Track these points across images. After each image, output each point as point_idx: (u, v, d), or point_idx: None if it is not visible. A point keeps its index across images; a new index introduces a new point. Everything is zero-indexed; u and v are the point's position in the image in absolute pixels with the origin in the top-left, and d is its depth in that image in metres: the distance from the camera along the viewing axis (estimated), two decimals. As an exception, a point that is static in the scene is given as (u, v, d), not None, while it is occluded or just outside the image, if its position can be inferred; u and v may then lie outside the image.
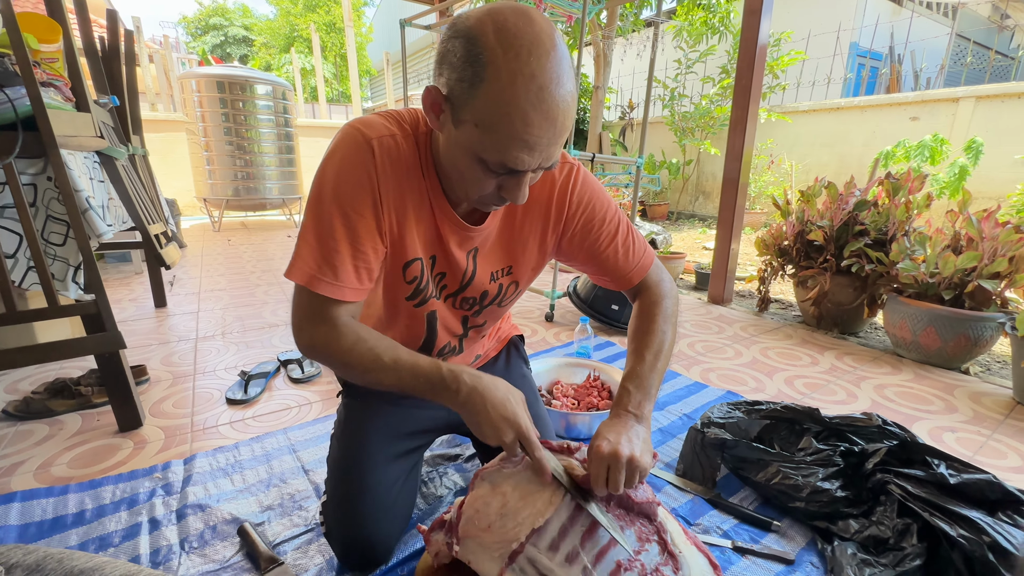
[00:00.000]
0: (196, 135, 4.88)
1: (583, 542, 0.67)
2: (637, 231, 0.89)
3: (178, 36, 16.92)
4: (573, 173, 0.82)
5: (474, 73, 0.57)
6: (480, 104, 0.58)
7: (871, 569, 0.83)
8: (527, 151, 0.59)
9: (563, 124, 0.60)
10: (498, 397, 0.68)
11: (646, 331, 0.81)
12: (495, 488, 0.73)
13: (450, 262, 0.80)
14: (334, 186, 0.67)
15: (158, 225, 1.63)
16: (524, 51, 0.55)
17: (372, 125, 0.70)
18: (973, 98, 4.14)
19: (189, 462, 1.18)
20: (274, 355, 1.84)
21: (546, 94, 0.57)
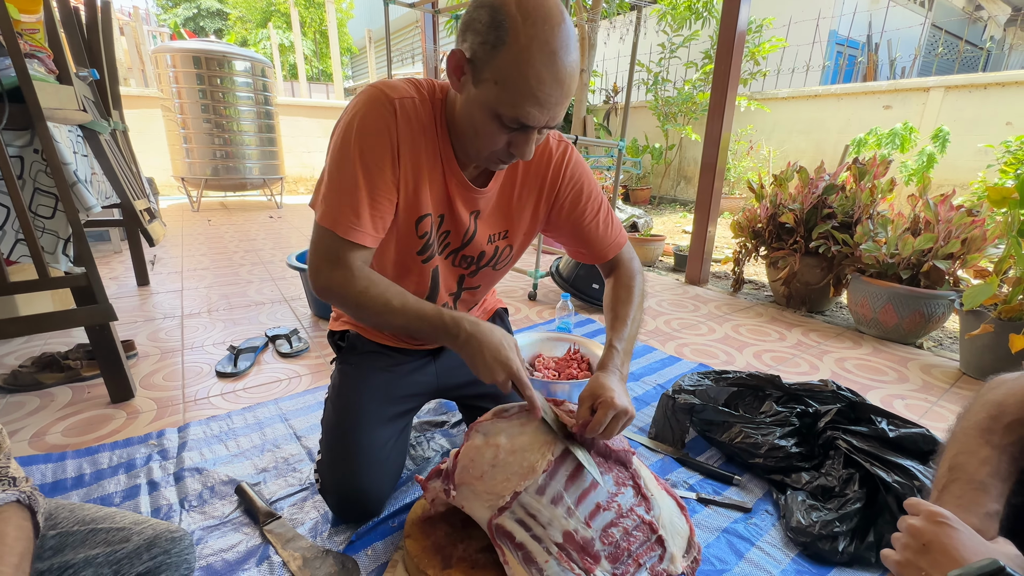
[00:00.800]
0: (172, 112, 4.76)
1: (567, 486, 0.75)
2: (615, 215, 0.98)
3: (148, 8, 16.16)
4: (568, 151, 0.92)
5: (497, 37, 0.66)
6: (500, 63, 0.66)
7: (817, 512, 0.93)
8: (538, 107, 0.68)
9: (569, 87, 0.69)
10: (493, 341, 0.75)
11: (626, 300, 0.92)
12: (488, 440, 0.79)
13: (455, 221, 0.87)
14: (358, 139, 0.74)
15: (142, 201, 1.64)
16: (540, 20, 0.65)
17: (395, 87, 0.77)
18: (943, 88, 4.28)
19: (183, 430, 1.22)
20: (262, 332, 1.87)
21: (557, 58, 0.66)
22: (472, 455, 0.79)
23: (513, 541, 0.72)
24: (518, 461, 0.75)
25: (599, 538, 0.74)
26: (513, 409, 0.84)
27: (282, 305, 2.19)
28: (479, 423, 0.83)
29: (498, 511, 0.73)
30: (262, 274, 2.69)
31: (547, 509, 0.73)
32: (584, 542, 0.73)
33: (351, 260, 0.77)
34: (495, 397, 1.10)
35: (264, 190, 5.45)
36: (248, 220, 4.50)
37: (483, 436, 0.81)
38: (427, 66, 5.03)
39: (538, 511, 0.72)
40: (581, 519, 0.73)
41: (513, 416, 0.82)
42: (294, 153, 6.65)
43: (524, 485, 0.73)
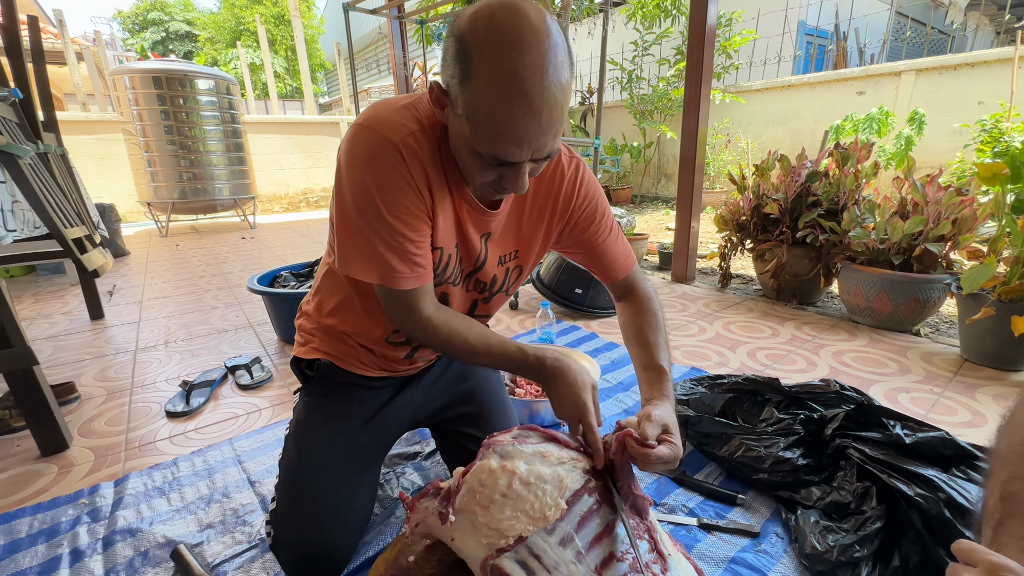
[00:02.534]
0: (134, 135, 4.59)
1: (579, 527, 0.65)
2: (623, 233, 0.94)
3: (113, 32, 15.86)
4: (580, 168, 0.86)
5: (463, 70, 0.59)
6: (469, 99, 0.60)
7: (833, 535, 0.82)
8: (514, 144, 0.61)
9: (550, 116, 0.60)
10: (573, 380, 0.74)
11: (656, 327, 0.86)
12: (504, 464, 0.68)
13: (468, 246, 0.82)
14: (381, 196, 0.68)
15: (78, 229, 1.49)
16: (507, 46, 0.57)
17: (393, 126, 0.68)
18: (914, 71, 4.29)
19: (120, 483, 1.08)
20: (221, 362, 1.73)
21: (528, 87, 0.57)
22: (483, 478, 0.67)
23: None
24: (533, 496, 0.65)
25: None
26: (534, 437, 0.73)
27: (247, 331, 2.05)
28: (495, 443, 0.71)
29: (496, 552, 0.62)
30: (228, 299, 2.54)
31: (554, 551, 0.62)
32: None
33: (422, 307, 0.75)
34: (476, 419, 0.99)
35: (236, 211, 5.28)
36: (219, 243, 4.33)
37: (499, 458, 0.69)
38: (397, 76, 4.93)
39: (544, 551, 0.62)
40: (592, 567, 0.63)
41: (536, 442, 0.72)
42: (267, 171, 6.49)
43: (533, 531, 0.63)
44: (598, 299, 2.15)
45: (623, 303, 0.93)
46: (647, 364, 0.82)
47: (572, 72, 0.62)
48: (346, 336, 0.90)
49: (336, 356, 0.92)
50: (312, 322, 0.94)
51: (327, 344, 0.92)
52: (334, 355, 0.92)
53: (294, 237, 4.58)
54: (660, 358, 0.82)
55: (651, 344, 0.84)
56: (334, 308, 0.90)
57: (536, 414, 1.27)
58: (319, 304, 0.93)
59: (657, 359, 0.82)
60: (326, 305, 0.91)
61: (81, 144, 5.28)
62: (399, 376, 0.97)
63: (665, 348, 0.84)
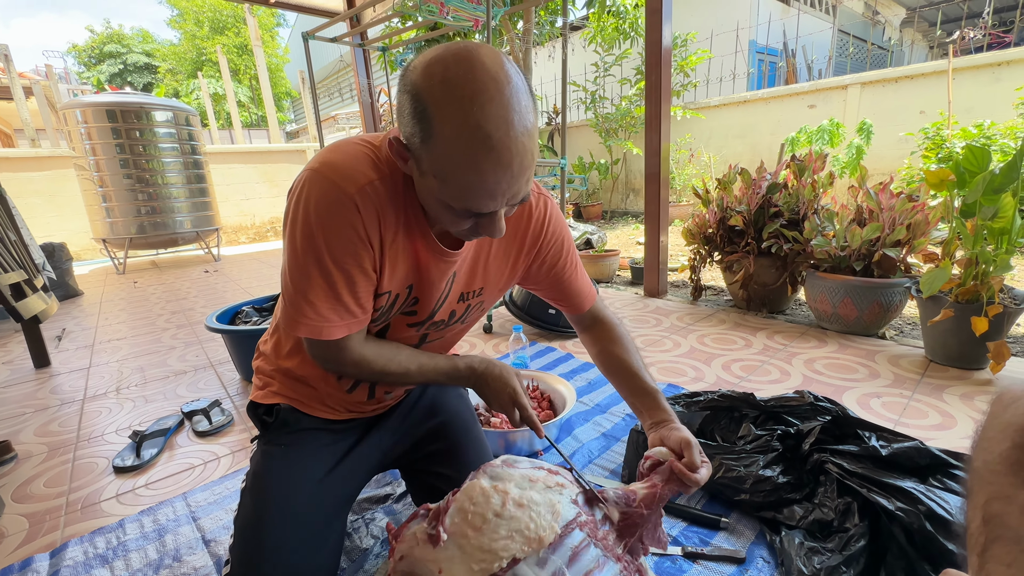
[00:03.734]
0: (87, 170, 4.41)
1: (570, 562, 0.62)
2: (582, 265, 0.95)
3: (67, 67, 15.43)
4: (548, 207, 0.85)
5: (423, 129, 0.57)
6: (434, 159, 0.58)
7: (819, 557, 0.80)
8: (487, 198, 0.60)
9: (520, 165, 0.59)
10: (496, 373, 0.83)
11: (632, 350, 0.89)
12: (496, 484, 0.67)
13: (427, 289, 0.79)
14: (327, 246, 0.66)
15: (13, 274, 1.39)
16: (467, 101, 0.54)
17: (349, 176, 0.65)
18: (859, 84, 4.52)
19: (57, 554, 0.98)
20: (178, 407, 1.62)
21: (494, 142, 0.55)
22: (475, 497, 0.64)
23: None
24: (528, 517, 0.63)
25: None
26: (524, 463, 0.72)
27: (207, 372, 1.95)
28: (487, 465, 0.70)
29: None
30: (188, 337, 2.42)
31: None
32: None
33: (350, 349, 0.74)
34: (447, 456, 0.94)
35: (199, 243, 5.11)
36: (180, 277, 4.16)
37: (490, 479, 0.68)
38: (363, 103, 4.92)
39: None
40: None
41: (526, 468, 0.70)
42: (231, 202, 6.33)
43: (527, 552, 0.60)
44: (572, 318, 2.13)
45: (591, 333, 0.94)
46: (637, 389, 0.84)
47: (536, 109, 0.61)
48: (307, 378, 0.85)
49: (297, 399, 0.86)
50: (270, 363, 0.89)
51: (287, 387, 0.86)
52: (295, 398, 0.86)
53: (260, 268, 4.44)
54: (647, 379, 0.85)
55: (633, 368, 0.86)
56: (292, 348, 0.84)
57: (512, 444, 1.22)
58: (277, 345, 0.87)
59: (645, 381, 0.84)
60: (284, 345, 0.86)
61: (30, 181, 5.05)
62: (365, 417, 0.91)
63: (645, 368, 0.86)
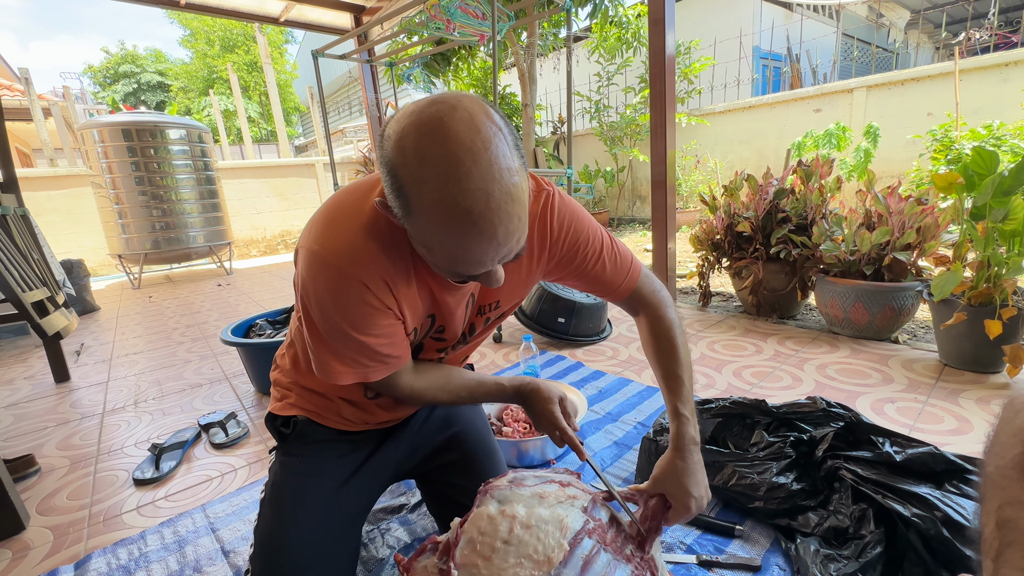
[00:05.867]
0: (103, 188, 4.52)
1: (582, 572, 0.62)
2: (620, 243, 0.88)
3: (83, 87, 15.84)
4: (551, 201, 0.78)
5: (402, 205, 0.56)
6: (418, 233, 0.59)
7: (835, 564, 0.80)
8: (476, 265, 0.59)
9: (506, 232, 0.56)
10: (543, 396, 0.85)
11: (670, 350, 0.83)
12: (503, 509, 0.66)
13: (448, 318, 0.80)
14: (349, 324, 0.68)
15: (38, 292, 1.44)
16: (441, 178, 0.52)
17: (349, 255, 0.65)
18: (865, 88, 4.52)
19: (81, 566, 1.00)
20: (195, 420, 1.65)
21: (475, 216, 0.53)
22: (482, 526, 0.65)
23: None
24: (536, 539, 0.63)
25: None
26: (530, 479, 0.72)
27: (222, 384, 1.98)
28: (492, 487, 0.69)
29: None
30: (203, 350, 2.46)
31: None
32: None
33: (402, 383, 0.78)
34: (462, 466, 0.95)
35: (212, 257, 5.19)
36: (194, 291, 4.23)
37: (497, 503, 0.67)
38: (370, 116, 5.00)
39: None
40: None
41: (533, 483, 0.70)
42: (243, 216, 6.44)
43: (539, 575, 0.61)
44: (581, 327, 2.14)
45: (638, 320, 0.90)
46: (666, 398, 0.81)
47: (522, 160, 0.58)
48: (325, 393, 0.87)
49: (314, 412, 0.88)
50: (288, 377, 0.91)
51: (304, 399, 0.88)
52: (312, 410, 0.88)
53: (272, 281, 4.50)
54: (677, 396, 0.78)
55: (669, 375, 0.81)
56: (311, 363, 0.86)
57: (525, 454, 1.23)
58: (294, 360, 0.89)
59: (674, 399, 0.79)
60: (302, 360, 0.88)
61: (49, 200, 5.18)
62: (381, 428, 0.93)
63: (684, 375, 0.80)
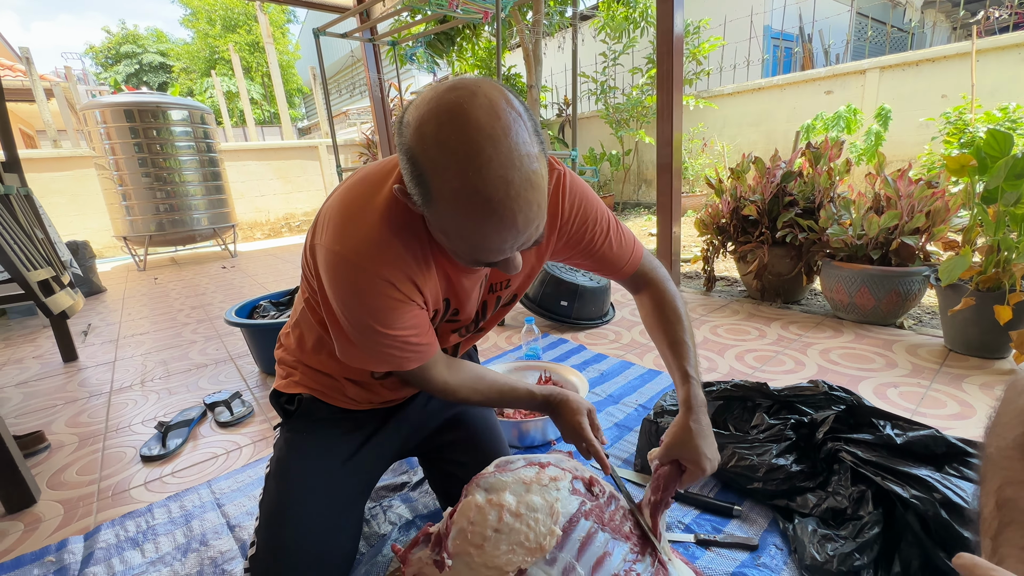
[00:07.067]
0: (107, 170, 4.51)
1: (579, 555, 0.64)
2: (623, 224, 0.91)
3: (85, 68, 15.72)
4: (562, 181, 0.79)
5: (422, 193, 0.56)
6: (437, 220, 0.58)
7: (832, 544, 0.80)
8: (495, 253, 0.59)
9: (526, 219, 0.56)
10: (571, 408, 0.86)
11: (676, 320, 0.86)
12: (492, 497, 0.67)
13: (463, 300, 0.81)
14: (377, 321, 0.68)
15: (43, 271, 1.44)
16: (462, 165, 0.52)
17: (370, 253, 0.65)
18: (878, 69, 4.41)
19: (91, 536, 1.03)
20: (200, 399, 1.67)
21: (495, 204, 0.53)
22: (472, 516, 0.65)
23: None
24: (526, 527, 0.63)
25: None
26: (519, 462, 0.72)
27: (227, 365, 2.00)
28: (480, 477, 0.70)
29: None
30: (208, 332, 2.48)
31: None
32: None
33: (434, 375, 0.79)
34: (464, 445, 0.96)
35: (216, 240, 5.20)
36: (199, 274, 4.25)
37: (485, 493, 0.68)
38: (373, 98, 4.94)
39: None
40: None
41: (519, 469, 0.70)
42: (246, 198, 6.43)
43: (532, 561, 0.62)
44: (584, 310, 2.14)
45: (639, 297, 0.93)
46: (672, 364, 0.84)
47: (541, 146, 0.58)
48: (330, 373, 0.87)
49: (319, 390, 0.89)
50: (293, 355, 0.92)
51: (309, 378, 0.89)
52: (317, 389, 0.89)
53: (276, 263, 4.51)
54: (683, 357, 0.82)
55: (675, 342, 0.84)
56: (316, 344, 0.87)
57: (526, 434, 1.24)
58: (300, 339, 0.90)
59: (681, 359, 0.82)
60: (307, 341, 0.88)
61: (53, 181, 5.18)
62: (385, 407, 0.94)
63: (688, 343, 0.84)
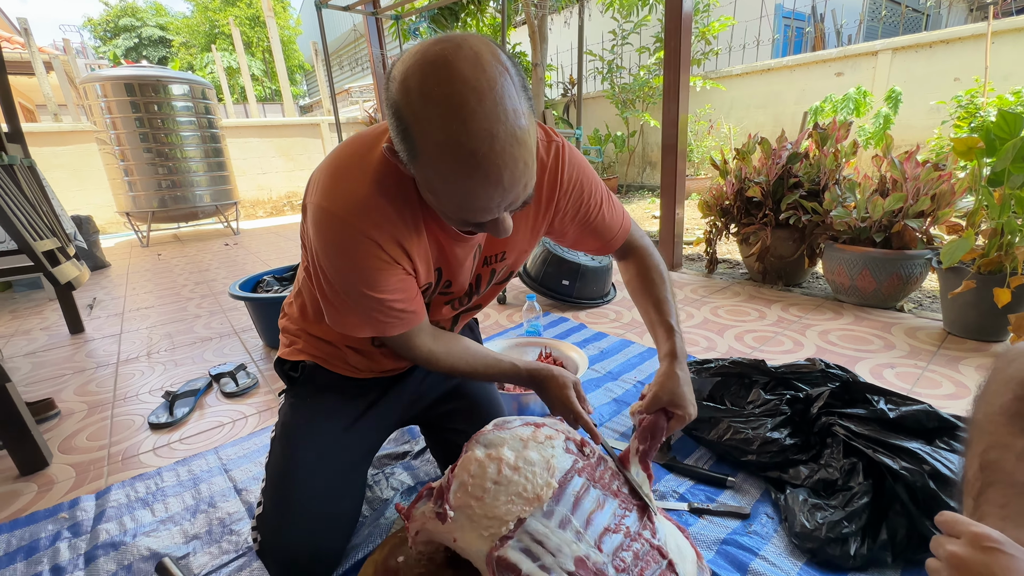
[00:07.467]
0: (108, 144, 4.49)
1: (574, 508, 0.67)
2: (613, 195, 0.91)
3: (83, 41, 15.48)
4: (561, 153, 0.79)
5: (408, 148, 0.56)
6: (422, 176, 0.58)
7: (821, 512, 0.83)
8: (482, 212, 0.58)
9: (512, 177, 0.55)
10: (557, 383, 0.87)
11: (660, 282, 0.89)
12: (491, 452, 0.70)
13: (456, 270, 0.81)
14: (363, 281, 0.69)
15: (48, 241, 1.46)
16: (446, 117, 0.51)
17: (358, 208, 0.65)
18: (890, 50, 4.32)
19: (102, 496, 1.06)
20: (205, 370, 1.70)
21: (480, 158, 0.52)
22: (472, 470, 0.68)
23: (519, 574, 0.61)
24: (524, 479, 0.66)
25: (611, 563, 0.65)
26: (516, 422, 0.75)
27: (231, 339, 2.02)
28: (480, 434, 0.73)
29: (500, 541, 0.63)
30: (212, 306, 2.50)
31: (555, 534, 0.64)
32: (597, 568, 0.63)
33: (419, 343, 0.79)
34: (465, 414, 0.98)
35: (218, 217, 5.20)
36: (202, 250, 4.26)
37: (484, 448, 0.71)
38: (376, 74, 4.87)
39: (546, 536, 0.63)
40: (591, 543, 0.65)
41: (517, 427, 0.73)
42: (248, 176, 6.40)
43: (530, 511, 0.64)
44: (586, 290, 2.14)
45: (625, 263, 0.95)
46: (655, 320, 0.87)
47: (529, 100, 0.57)
48: (332, 341, 0.89)
49: (322, 358, 0.91)
50: (296, 324, 0.93)
51: (312, 345, 0.91)
52: (319, 356, 0.91)
53: (278, 241, 4.52)
54: (667, 313, 0.86)
55: (656, 298, 0.88)
56: (317, 312, 0.88)
57: (525, 407, 1.26)
58: (302, 308, 0.91)
59: (664, 314, 0.86)
60: (309, 309, 0.90)
61: (55, 156, 5.16)
62: (387, 376, 0.96)
63: (671, 301, 0.88)
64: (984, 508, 0.44)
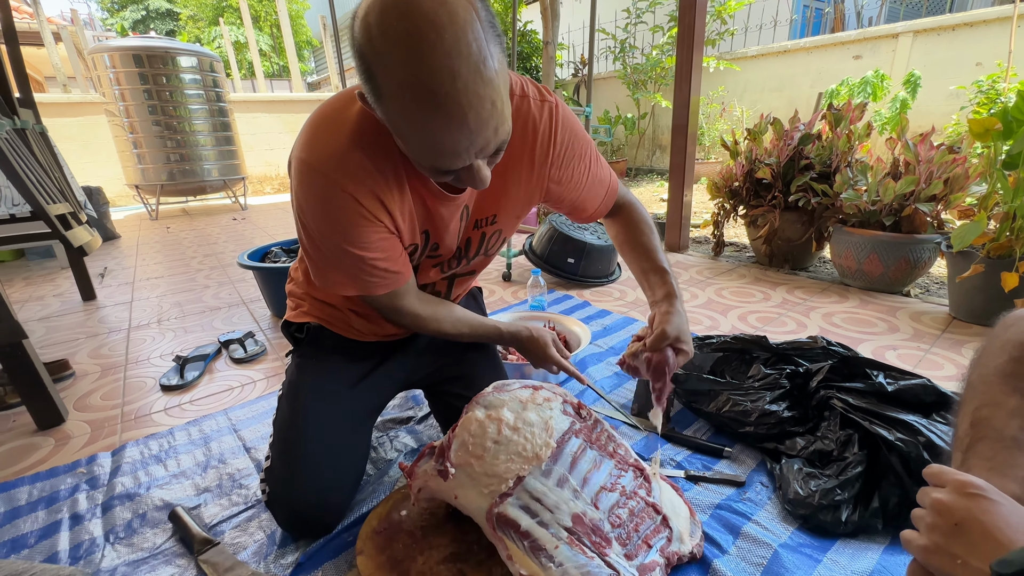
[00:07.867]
0: (117, 116, 4.49)
1: (571, 467, 0.69)
2: (600, 156, 0.90)
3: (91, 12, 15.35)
4: (554, 114, 0.77)
5: (372, 89, 0.54)
6: (388, 119, 0.56)
7: (816, 481, 0.84)
8: (450, 156, 0.55)
9: (478, 118, 0.52)
10: (539, 342, 0.97)
11: (650, 231, 0.92)
12: (491, 413, 0.72)
13: (442, 231, 0.80)
14: (344, 237, 0.69)
15: (61, 205, 1.48)
16: (404, 55, 0.49)
17: (337, 161, 0.64)
18: (911, 33, 4.21)
19: (118, 453, 1.10)
20: (215, 338, 1.73)
21: (440, 98, 0.50)
22: (473, 429, 0.70)
23: (518, 530, 0.64)
24: (523, 439, 0.69)
25: (607, 519, 0.68)
26: (515, 385, 0.77)
27: (239, 308, 2.05)
28: (480, 396, 0.75)
29: (499, 498, 0.65)
30: (220, 278, 2.53)
31: (553, 492, 0.66)
32: (594, 524, 0.66)
33: (405, 304, 0.81)
34: (468, 380, 1.00)
35: (227, 192, 5.21)
36: (210, 224, 4.29)
37: (484, 409, 0.73)
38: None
39: (544, 494, 0.66)
40: (588, 500, 0.68)
41: (516, 390, 0.75)
42: (256, 151, 6.39)
43: (528, 469, 0.66)
44: (591, 268, 2.15)
45: (612, 219, 0.96)
46: (647, 268, 0.88)
47: (500, 44, 0.53)
48: (336, 304, 0.91)
49: (326, 320, 0.93)
50: (301, 288, 0.95)
51: (317, 308, 0.93)
52: (324, 319, 0.93)
53: (286, 216, 4.53)
54: (659, 259, 0.88)
55: (644, 248, 0.90)
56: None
57: (527, 378, 1.28)
58: (307, 273, 0.93)
59: (656, 260, 0.88)
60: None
61: (64, 127, 5.17)
62: (390, 340, 0.97)
63: (660, 249, 0.90)
64: (972, 461, 0.45)
